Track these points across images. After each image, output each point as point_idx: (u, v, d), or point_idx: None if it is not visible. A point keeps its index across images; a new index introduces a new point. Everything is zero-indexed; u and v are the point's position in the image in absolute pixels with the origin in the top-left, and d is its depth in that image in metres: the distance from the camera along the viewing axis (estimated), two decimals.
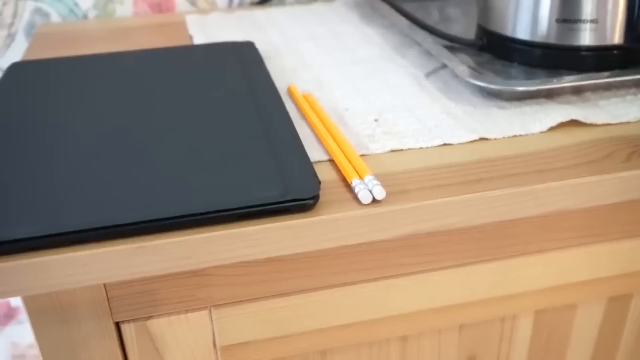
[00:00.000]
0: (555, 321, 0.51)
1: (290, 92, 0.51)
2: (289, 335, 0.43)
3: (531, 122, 0.46)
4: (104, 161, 0.39)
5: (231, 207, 0.35)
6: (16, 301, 0.88)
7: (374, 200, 0.37)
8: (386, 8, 0.65)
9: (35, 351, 0.92)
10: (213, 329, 0.42)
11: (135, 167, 0.38)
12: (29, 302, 0.38)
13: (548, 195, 0.40)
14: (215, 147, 0.40)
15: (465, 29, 0.63)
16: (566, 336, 0.52)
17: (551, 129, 0.45)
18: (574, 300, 0.49)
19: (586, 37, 0.51)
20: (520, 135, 0.44)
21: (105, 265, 0.34)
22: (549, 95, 0.49)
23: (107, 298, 0.39)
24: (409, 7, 0.66)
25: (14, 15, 0.72)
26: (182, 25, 0.70)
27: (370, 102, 0.49)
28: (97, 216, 0.34)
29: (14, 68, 0.53)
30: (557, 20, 0.51)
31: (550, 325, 0.51)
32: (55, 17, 0.73)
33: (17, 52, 0.74)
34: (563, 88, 0.49)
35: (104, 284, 0.39)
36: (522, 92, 0.48)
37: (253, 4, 0.78)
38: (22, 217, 0.34)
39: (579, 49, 0.51)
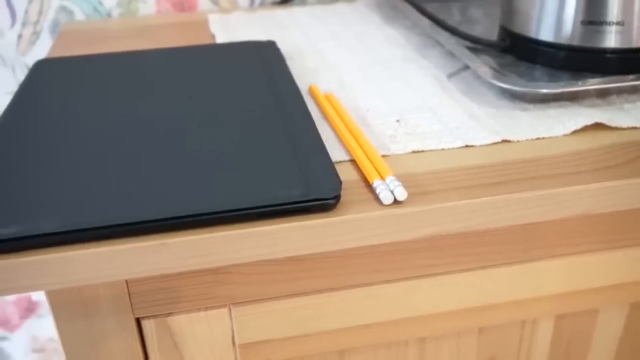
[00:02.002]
0: (576, 326, 0.50)
1: (311, 92, 0.51)
2: (307, 335, 0.43)
3: (555, 124, 0.45)
4: (127, 158, 0.39)
5: (252, 206, 0.35)
6: (37, 295, 0.89)
7: (396, 201, 0.37)
8: (408, 8, 0.65)
9: (55, 345, 0.93)
10: (232, 326, 0.42)
11: (157, 165, 0.39)
12: (52, 296, 0.38)
13: (571, 199, 0.39)
14: (237, 146, 0.40)
15: (488, 30, 0.62)
16: (587, 342, 0.51)
17: (575, 132, 0.45)
18: (595, 305, 0.48)
19: (611, 39, 0.50)
20: (543, 137, 0.44)
21: (128, 262, 0.34)
22: (573, 97, 0.49)
23: (129, 294, 0.39)
24: (430, 8, 0.66)
25: (40, 13, 0.73)
26: (204, 24, 0.70)
27: (392, 102, 0.49)
28: (120, 213, 0.34)
29: (39, 65, 0.54)
30: (582, 22, 0.50)
31: (571, 330, 0.50)
32: (79, 15, 0.74)
33: (42, 50, 0.74)
34: (588, 91, 0.48)
35: (126, 280, 0.39)
36: (546, 95, 0.48)
37: (275, 4, 0.78)
38: (46, 212, 0.34)
39: (604, 51, 0.51)
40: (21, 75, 0.75)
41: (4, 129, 0.43)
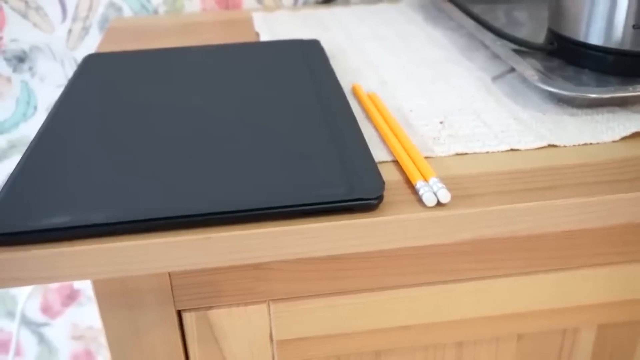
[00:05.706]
0: (619, 337, 0.49)
1: (354, 92, 0.51)
2: (345, 334, 0.44)
3: (603, 130, 0.44)
4: (173, 153, 0.40)
5: (295, 204, 0.35)
6: (78, 284, 0.91)
7: (439, 204, 0.37)
8: (452, 9, 0.65)
9: (94, 333, 0.95)
10: (271, 322, 0.42)
11: (203, 161, 0.39)
12: (98, 286, 0.39)
13: (617, 207, 0.38)
14: (281, 144, 0.41)
15: (533, 33, 0.62)
16: (630, 353, 0.50)
17: (624, 138, 0.44)
18: (639, 316, 0.47)
19: None
20: (591, 143, 0.43)
21: (172, 254, 0.35)
22: (623, 103, 0.47)
23: (171, 286, 0.40)
24: (475, 10, 0.65)
25: (89, 8, 0.75)
26: (248, 22, 0.71)
27: (436, 104, 0.49)
28: (166, 206, 0.35)
29: (89, 59, 0.55)
30: (634, 27, 0.49)
31: (614, 341, 0.49)
32: (127, 12, 0.76)
33: (90, 45, 0.76)
34: (638, 96, 0.47)
35: (169, 273, 0.40)
36: (595, 99, 0.47)
37: (318, 3, 0.79)
38: (97, 204, 0.35)
39: None
40: (70, 69, 0.77)
41: (56, 121, 0.44)
